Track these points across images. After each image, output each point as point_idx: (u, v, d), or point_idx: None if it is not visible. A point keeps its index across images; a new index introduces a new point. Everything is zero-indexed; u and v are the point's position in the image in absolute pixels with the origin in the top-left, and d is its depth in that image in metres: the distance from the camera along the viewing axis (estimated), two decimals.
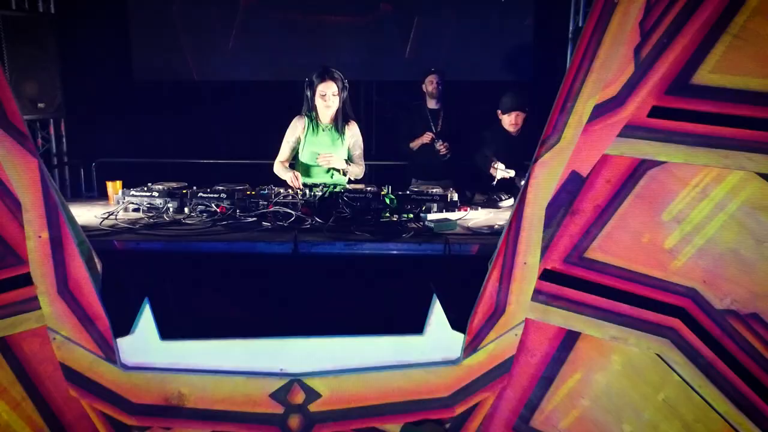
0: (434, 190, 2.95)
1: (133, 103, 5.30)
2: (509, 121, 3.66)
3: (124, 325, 2.07)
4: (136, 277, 2.22)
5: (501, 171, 3.40)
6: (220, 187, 2.80)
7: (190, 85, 5.57)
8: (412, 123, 4.22)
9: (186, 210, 2.73)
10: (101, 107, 5.08)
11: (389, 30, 5.46)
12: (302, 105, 3.38)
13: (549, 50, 5.27)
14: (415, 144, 4.16)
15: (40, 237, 1.90)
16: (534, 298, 2.15)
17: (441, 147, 4.01)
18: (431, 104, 4.20)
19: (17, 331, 2.03)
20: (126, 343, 2.04)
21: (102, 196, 3.47)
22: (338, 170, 3.28)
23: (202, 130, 5.47)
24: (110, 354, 2.02)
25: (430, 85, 4.16)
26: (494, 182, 3.43)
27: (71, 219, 1.98)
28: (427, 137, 4.08)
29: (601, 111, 2.01)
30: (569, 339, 2.21)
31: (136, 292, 2.13)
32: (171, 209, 2.70)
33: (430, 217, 2.74)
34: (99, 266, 2.06)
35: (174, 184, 2.88)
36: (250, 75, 5.53)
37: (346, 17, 5.35)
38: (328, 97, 3.17)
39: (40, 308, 1.99)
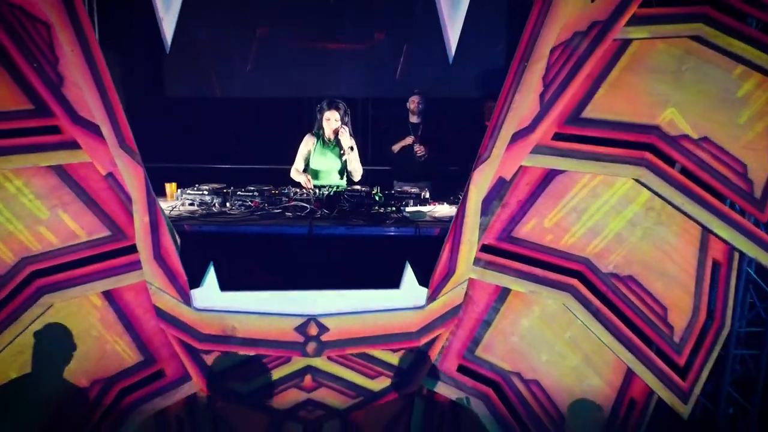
0: (412, 190, 3.80)
1: (165, 117, 5.84)
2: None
3: (195, 280, 2.86)
4: (201, 249, 2.99)
5: None
6: (252, 188, 3.65)
7: (214, 101, 6.13)
8: (397, 133, 4.86)
9: (228, 204, 3.52)
10: (137, 120, 5.80)
11: (382, 55, 6.00)
12: (305, 117, 4.23)
13: None
14: (397, 146, 4.79)
15: (143, 220, 2.74)
16: (475, 264, 2.94)
17: (418, 149, 4.68)
18: (413, 119, 4.84)
19: (121, 285, 2.85)
20: (197, 293, 2.83)
21: None
22: (343, 149, 4.01)
23: (224, 139, 6.02)
24: (187, 300, 2.82)
25: (412, 104, 4.81)
26: None
27: (161, 209, 2.85)
28: (409, 139, 4.73)
29: (518, 136, 2.81)
30: (503, 294, 3.02)
31: (202, 259, 2.93)
32: (217, 204, 3.54)
33: (408, 209, 3.53)
34: (178, 241, 2.92)
35: (216, 185, 3.75)
36: (265, 92, 6.07)
37: (346, 44, 5.91)
38: (331, 122, 4.00)
39: (140, 269, 2.80)
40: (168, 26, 2.66)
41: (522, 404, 3.08)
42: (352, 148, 4.02)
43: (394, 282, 2.98)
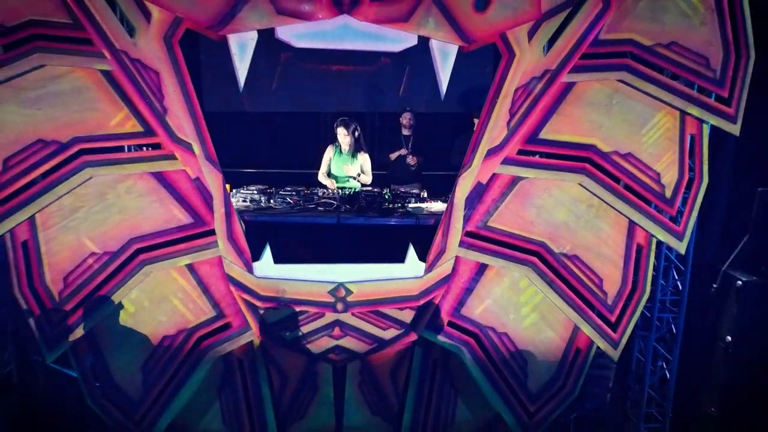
0: (414, 191, 4.83)
1: None
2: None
3: (255, 255, 3.74)
4: (258, 233, 3.88)
5: None
6: (289, 188, 4.67)
7: (243, 115, 6.83)
8: (393, 142, 5.63)
9: (272, 201, 4.50)
10: None
11: (388, 75, 6.71)
12: (321, 129, 5.23)
13: None
14: (393, 155, 5.55)
15: (220, 211, 3.68)
16: (460, 246, 3.82)
17: (411, 160, 5.47)
18: (405, 132, 5.60)
19: (202, 259, 3.76)
20: (257, 265, 3.71)
21: None
22: (355, 177, 5.07)
23: (251, 147, 6.81)
24: (250, 270, 3.70)
25: (404, 119, 5.56)
26: None
27: (232, 203, 3.84)
28: (403, 151, 5.50)
29: (491, 151, 3.74)
30: (481, 268, 3.91)
31: (259, 240, 3.82)
32: (264, 200, 4.55)
33: (410, 205, 4.50)
34: (243, 227, 3.88)
35: (261, 186, 4.77)
36: (287, 107, 6.84)
37: (356, 66, 6.53)
38: (342, 137, 4.98)
39: (215, 247, 3.70)
40: (242, 74, 3.61)
41: (495, 351, 3.99)
42: (358, 176, 5.03)
43: (400, 258, 3.77)
